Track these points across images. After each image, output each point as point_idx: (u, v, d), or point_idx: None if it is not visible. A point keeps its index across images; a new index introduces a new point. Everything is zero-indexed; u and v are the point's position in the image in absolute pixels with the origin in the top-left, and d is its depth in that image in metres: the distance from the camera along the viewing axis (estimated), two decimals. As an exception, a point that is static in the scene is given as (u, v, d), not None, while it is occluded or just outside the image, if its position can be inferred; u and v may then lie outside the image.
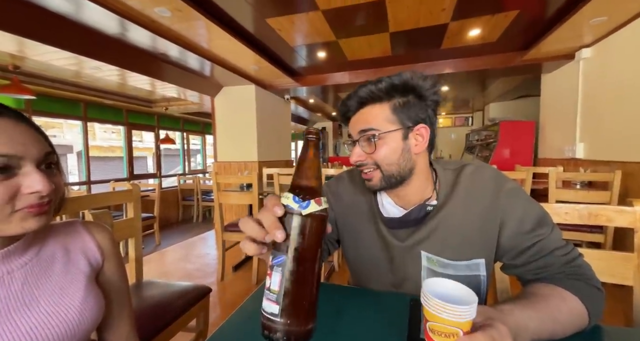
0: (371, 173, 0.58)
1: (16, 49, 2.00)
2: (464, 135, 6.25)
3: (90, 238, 0.54)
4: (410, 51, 2.85)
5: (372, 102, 0.58)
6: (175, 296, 1.18)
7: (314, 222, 0.34)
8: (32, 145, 0.40)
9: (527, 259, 0.56)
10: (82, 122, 3.67)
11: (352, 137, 0.61)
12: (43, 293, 0.45)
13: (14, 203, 0.38)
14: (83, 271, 0.50)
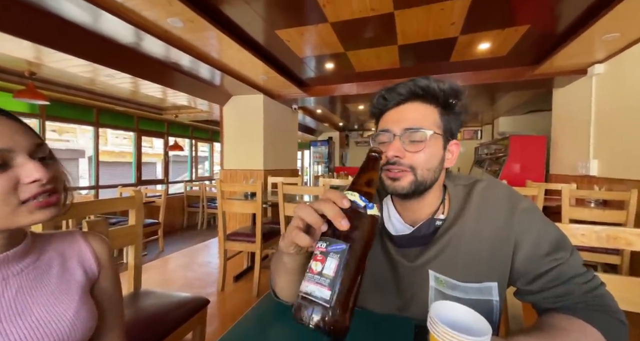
0: (401, 173, 0.53)
1: (33, 56, 2.07)
2: (472, 149, 6.17)
3: (88, 249, 0.53)
4: (419, 64, 2.86)
5: (423, 100, 0.54)
6: (173, 307, 1.15)
7: (374, 222, 0.38)
8: (21, 137, 0.41)
9: (544, 285, 0.51)
10: (94, 127, 3.75)
11: (390, 129, 0.54)
12: (36, 302, 0.44)
13: (18, 195, 0.39)
14: (78, 282, 0.49)
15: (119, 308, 0.58)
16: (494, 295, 0.54)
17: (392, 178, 0.54)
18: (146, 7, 1.68)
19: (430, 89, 0.54)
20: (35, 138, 0.43)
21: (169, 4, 1.64)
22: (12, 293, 0.42)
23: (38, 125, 3.16)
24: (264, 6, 1.84)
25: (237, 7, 1.84)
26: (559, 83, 2.98)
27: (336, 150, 7.78)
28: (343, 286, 0.34)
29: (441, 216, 0.58)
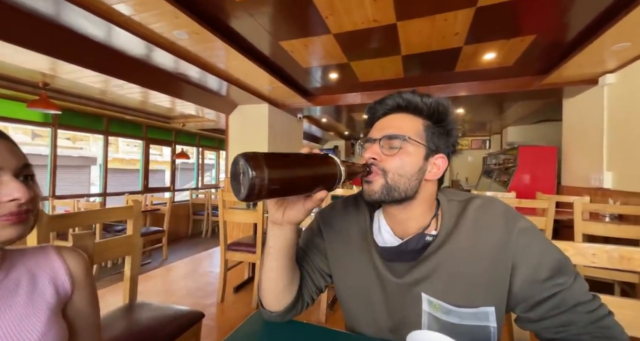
0: (373, 176, 0.54)
1: (48, 68, 2.15)
2: (481, 158, 6.07)
3: (61, 265, 0.50)
4: (423, 74, 2.84)
5: (409, 111, 0.57)
6: (167, 320, 1.12)
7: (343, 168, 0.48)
8: (10, 156, 0.41)
9: (544, 313, 0.48)
10: (104, 136, 3.85)
11: (372, 137, 0.57)
12: (1, 325, 0.41)
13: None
14: (48, 302, 0.47)
15: (95, 328, 0.55)
16: (491, 321, 0.50)
17: (366, 182, 0.55)
18: (153, 20, 1.73)
19: (413, 101, 0.56)
20: (23, 158, 0.44)
21: (175, 17, 1.69)
22: None
23: (51, 133, 3.26)
24: (268, 19, 1.87)
25: (241, 20, 1.88)
26: (568, 93, 2.91)
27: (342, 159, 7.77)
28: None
29: (432, 232, 0.55)
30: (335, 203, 0.71)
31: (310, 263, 0.66)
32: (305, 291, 0.65)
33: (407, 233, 0.56)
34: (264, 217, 2.07)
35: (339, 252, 0.64)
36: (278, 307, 0.59)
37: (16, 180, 0.41)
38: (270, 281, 0.58)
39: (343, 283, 0.63)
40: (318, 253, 0.67)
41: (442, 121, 0.56)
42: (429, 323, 0.53)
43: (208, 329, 1.83)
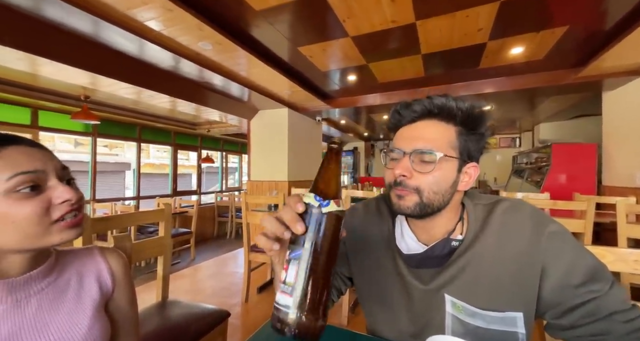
0: (406, 193, 0.51)
1: (88, 82, 2.34)
2: (510, 157, 5.76)
3: (104, 265, 0.55)
4: (445, 72, 2.76)
5: (440, 118, 0.51)
6: (196, 318, 1.18)
7: (332, 220, 0.37)
8: (50, 160, 0.44)
9: (576, 321, 0.45)
10: (137, 142, 4.11)
11: (400, 148, 0.52)
12: (53, 320, 0.46)
13: (50, 215, 0.42)
14: (93, 299, 0.52)
15: (134, 323, 0.59)
16: (519, 327, 0.48)
17: (397, 195, 0.52)
18: (180, 33, 1.84)
19: (446, 107, 0.51)
20: (60, 162, 0.47)
21: (200, 29, 1.78)
22: (33, 310, 0.45)
23: (91, 142, 3.54)
24: (287, 25, 1.92)
25: (261, 28, 1.94)
26: (609, 85, 2.69)
27: (361, 160, 7.70)
28: (305, 289, 0.34)
29: (458, 236, 0.54)
30: (356, 207, 0.70)
31: None
32: None
33: (431, 239, 0.55)
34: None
35: (361, 257, 0.64)
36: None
37: (62, 183, 0.44)
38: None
39: (365, 288, 0.63)
40: (339, 257, 0.67)
41: (477, 127, 0.52)
42: (453, 326, 0.52)
43: (233, 328, 1.90)
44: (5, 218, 0.39)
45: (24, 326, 0.43)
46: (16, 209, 0.39)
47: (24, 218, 0.39)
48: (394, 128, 0.57)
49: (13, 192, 0.39)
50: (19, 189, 0.40)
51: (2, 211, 0.39)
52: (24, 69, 2.04)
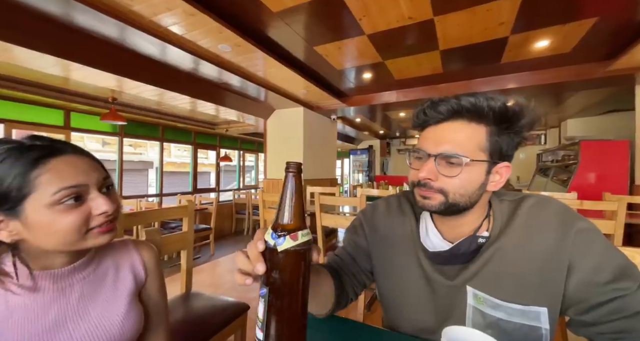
0: (432, 193, 0.50)
1: (115, 85, 2.48)
2: (534, 155, 5.51)
3: (138, 257, 0.60)
4: (464, 67, 2.69)
5: (469, 118, 0.48)
6: (217, 310, 1.23)
7: (289, 258, 0.35)
8: (93, 172, 0.47)
9: (600, 317, 0.45)
10: (160, 142, 4.29)
11: (425, 149, 0.51)
12: (93, 306, 0.51)
13: (88, 224, 0.45)
14: (128, 288, 0.56)
15: (164, 311, 0.63)
16: (543, 322, 0.48)
17: (423, 195, 0.52)
18: (201, 37, 1.91)
19: (477, 108, 0.48)
20: (103, 172, 0.49)
21: (220, 32, 1.84)
22: (76, 297, 0.49)
23: (118, 142, 3.74)
24: (303, 26, 1.94)
25: (278, 29, 1.97)
26: (643, 78, 2.53)
27: (377, 159, 7.62)
28: (271, 326, 0.35)
29: (485, 233, 0.53)
30: (377, 204, 0.70)
31: (353, 262, 0.68)
32: (349, 288, 0.66)
33: (457, 236, 0.55)
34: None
35: (383, 254, 0.64)
36: (322, 313, 0.61)
37: (102, 195, 0.46)
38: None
39: (386, 283, 0.64)
40: (361, 253, 0.68)
41: (513, 125, 0.49)
42: (473, 318, 0.52)
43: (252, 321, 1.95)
44: (49, 227, 0.43)
45: (68, 312, 0.48)
46: (59, 220, 0.43)
47: (65, 228, 0.43)
48: (420, 127, 0.55)
49: (58, 204, 0.42)
50: (62, 201, 0.43)
51: (46, 221, 0.42)
52: (58, 73, 2.19)
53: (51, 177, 0.42)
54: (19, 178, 0.41)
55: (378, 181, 5.92)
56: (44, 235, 0.43)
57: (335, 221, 1.92)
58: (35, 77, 2.48)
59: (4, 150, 0.42)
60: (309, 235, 0.37)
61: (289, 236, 0.35)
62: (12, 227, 0.43)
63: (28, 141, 0.44)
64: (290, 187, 0.37)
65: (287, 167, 0.38)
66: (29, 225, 0.42)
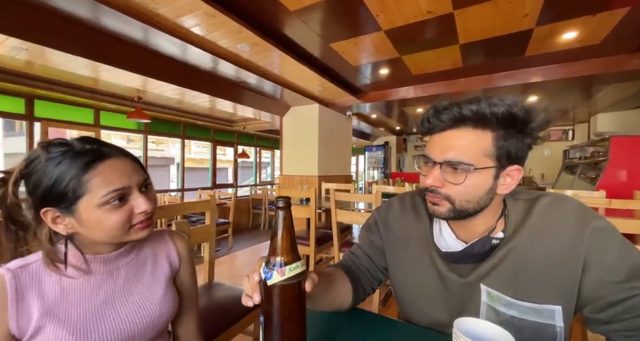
0: (439, 200, 0.52)
1: (140, 85, 2.60)
2: (560, 152, 5.26)
3: (172, 246, 0.65)
4: (486, 61, 2.61)
5: (473, 125, 0.48)
6: (238, 300, 1.29)
7: (279, 291, 0.38)
8: (135, 174, 0.52)
9: (616, 315, 0.45)
10: (181, 139, 4.46)
11: (431, 156, 0.52)
12: (136, 288, 0.57)
13: (130, 221, 0.51)
14: (165, 273, 0.62)
15: (195, 295, 0.69)
16: (557, 320, 0.49)
17: (432, 202, 0.54)
18: (222, 37, 1.97)
19: (479, 115, 0.47)
20: (143, 173, 0.54)
21: (239, 32, 1.89)
22: (122, 280, 0.55)
23: (142, 139, 3.92)
24: (320, 23, 1.96)
25: (295, 27, 2.00)
26: (684, 69, 2.35)
27: (392, 155, 7.52)
28: None
29: (499, 234, 0.54)
30: (391, 202, 0.72)
31: (369, 260, 0.70)
32: (366, 284, 0.69)
33: (471, 236, 0.56)
34: (316, 212, 2.18)
35: (397, 252, 0.66)
36: (343, 308, 0.64)
37: (142, 196, 0.51)
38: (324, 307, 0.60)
39: (401, 279, 0.66)
40: (376, 250, 0.70)
41: (522, 128, 0.48)
42: (487, 315, 0.53)
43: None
44: (98, 224, 0.48)
45: (115, 292, 0.54)
46: (107, 218, 0.48)
47: (111, 225, 0.48)
48: (427, 133, 0.56)
49: (106, 205, 0.48)
50: (109, 202, 0.48)
51: (96, 218, 0.48)
52: (89, 75, 2.33)
53: (100, 180, 0.47)
54: (74, 181, 0.46)
55: (394, 178, 5.86)
56: (94, 230, 0.49)
57: (351, 217, 1.95)
58: (69, 79, 2.65)
59: (59, 153, 0.47)
60: (298, 268, 0.39)
61: (277, 271, 0.37)
62: (67, 222, 0.48)
63: (79, 144, 0.49)
64: (280, 222, 0.39)
65: (277, 202, 0.39)
66: (82, 221, 0.48)
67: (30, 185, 0.47)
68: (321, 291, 0.53)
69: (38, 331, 0.46)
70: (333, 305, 0.61)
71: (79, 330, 0.48)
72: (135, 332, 0.53)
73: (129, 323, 0.53)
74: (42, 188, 0.46)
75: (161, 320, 0.57)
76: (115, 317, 0.52)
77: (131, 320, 0.53)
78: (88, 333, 0.48)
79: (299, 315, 0.39)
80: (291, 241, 0.39)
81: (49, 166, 0.46)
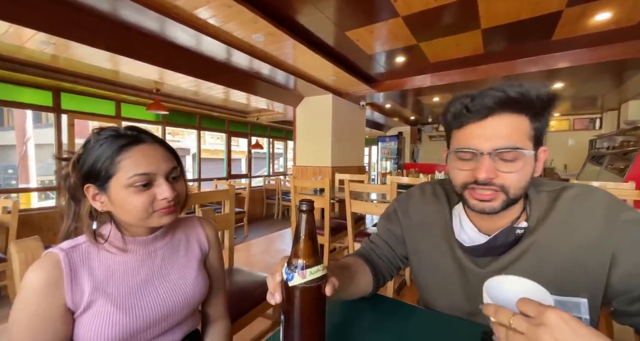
0: (493, 194, 0.49)
1: (158, 77, 2.66)
2: (586, 142, 5.01)
3: (202, 231, 0.69)
4: (508, 47, 2.49)
5: (513, 110, 0.47)
6: (257, 285, 1.35)
7: (299, 293, 0.38)
8: (163, 162, 0.54)
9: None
10: (197, 130, 4.55)
11: (477, 148, 0.48)
12: (172, 269, 0.61)
13: (153, 206, 0.54)
14: (196, 256, 0.66)
15: (223, 277, 0.74)
16: (583, 312, 0.48)
17: (482, 200, 0.50)
18: (237, 27, 1.97)
19: (526, 97, 0.46)
20: (172, 162, 0.56)
21: (254, 22, 1.88)
22: (159, 260, 0.60)
23: (160, 130, 4.03)
24: (334, 10, 1.91)
25: (309, 16, 1.97)
26: None
27: (407, 146, 7.39)
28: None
29: (523, 224, 0.53)
30: (411, 192, 0.72)
31: (388, 248, 0.71)
32: (385, 272, 0.71)
33: (493, 228, 0.55)
34: (330, 202, 2.20)
35: (417, 240, 0.67)
36: (363, 296, 0.66)
37: (167, 183, 0.53)
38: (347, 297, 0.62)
39: (421, 269, 0.66)
40: (396, 239, 0.71)
41: (548, 111, 0.48)
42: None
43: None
44: (124, 204, 0.52)
45: (154, 272, 0.59)
46: (131, 199, 0.51)
47: (134, 206, 0.52)
48: (459, 126, 0.52)
49: (131, 187, 0.51)
50: (135, 185, 0.51)
51: (122, 198, 0.51)
52: (110, 67, 2.40)
53: (130, 163, 0.51)
54: (108, 161, 0.51)
55: (408, 169, 5.79)
56: (121, 210, 0.52)
57: (365, 208, 1.96)
58: (92, 71, 2.74)
59: (104, 137, 0.52)
60: (319, 271, 0.39)
61: (298, 273, 0.38)
62: (103, 199, 0.53)
63: (122, 130, 0.54)
64: (303, 225, 0.39)
65: (300, 206, 0.39)
66: (112, 200, 0.52)
67: (81, 163, 0.52)
68: (344, 285, 0.53)
69: (90, 306, 0.50)
70: (356, 295, 0.62)
71: (124, 305, 0.52)
72: (172, 310, 0.58)
73: (166, 301, 0.57)
74: (86, 165, 0.51)
75: (194, 299, 0.62)
76: (155, 295, 0.56)
77: (168, 298, 0.58)
78: (132, 308, 0.53)
79: (319, 317, 0.40)
80: (313, 245, 0.40)
81: (94, 147, 0.52)
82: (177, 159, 0.59)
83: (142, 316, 0.53)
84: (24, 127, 5.30)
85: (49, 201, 4.16)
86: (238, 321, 1.13)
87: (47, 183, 5.39)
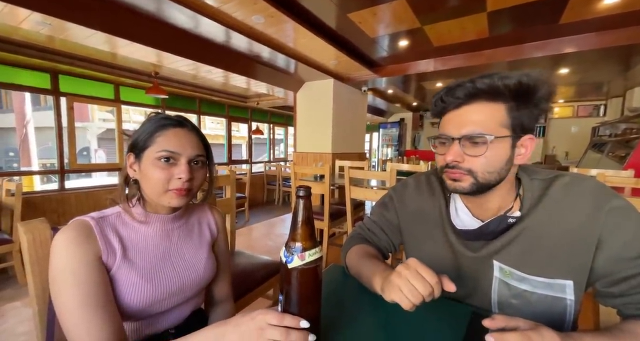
0: (460, 175, 0.53)
1: (156, 60, 2.61)
2: (589, 129, 4.98)
3: (212, 217, 0.74)
4: (514, 30, 2.42)
5: (486, 98, 0.50)
6: (259, 267, 1.39)
7: (298, 274, 0.40)
8: (190, 147, 0.58)
9: (628, 290, 0.47)
10: (197, 115, 4.51)
11: (448, 134, 0.53)
12: (187, 248, 0.66)
13: (169, 184, 0.57)
14: (207, 239, 0.70)
15: (228, 261, 0.78)
16: (568, 294, 0.51)
17: (452, 179, 0.54)
18: (236, 8, 1.91)
19: (493, 88, 0.49)
20: (200, 150, 0.60)
21: (254, 3, 1.82)
22: (176, 239, 0.64)
23: (160, 114, 4.00)
24: (337, -9, 1.85)
25: (311, -4, 1.91)
26: None
27: (408, 132, 7.35)
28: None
29: (516, 213, 0.55)
30: (407, 182, 0.75)
31: (383, 234, 0.75)
32: (385, 252, 0.76)
33: (487, 213, 0.57)
34: (330, 189, 2.22)
35: (412, 227, 0.70)
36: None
37: (186, 165, 0.56)
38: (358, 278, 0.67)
39: (416, 255, 0.68)
40: (391, 227, 0.74)
41: (531, 98, 0.49)
42: (499, 289, 0.56)
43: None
44: (147, 175, 0.56)
45: (171, 249, 0.63)
46: (152, 172, 0.56)
47: (154, 178, 0.56)
48: (439, 114, 0.57)
49: (158, 160, 0.56)
50: (160, 159, 0.56)
51: (148, 169, 0.56)
52: (108, 50, 2.35)
53: (163, 139, 0.56)
54: (148, 134, 0.57)
55: (409, 156, 5.78)
56: (144, 180, 0.57)
57: (365, 194, 1.98)
58: (89, 53, 2.68)
59: (156, 118, 0.59)
60: (316, 253, 0.41)
61: (298, 255, 0.40)
62: (136, 167, 0.58)
63: (170, 116, 0.60)
64: (300, 210, 0.41)
65: (298, 192, 0.41)
66: (141, 170, 0.57)
67: (132, 137, 0.59)
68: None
69: (119, 268, 0.54)
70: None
71: (146, 275, 0.57)
72: (186, 285, 0.62)
73: (182, 276, 0.62)
74: (133, 137, 0.59)
75: (205, 277, 0.67)
76: (172, 270, 0.61)
77: (183, 274, 0.62)
78: (152, 279, 0.57)
79: (316, 296, 0.43)
80: (311, 228, 0.42)
81: (145, 124, 0.59)
82: (207, 150, 0.63)
83: (162, 287, 0.58)
84: (23, 109, 5.26)
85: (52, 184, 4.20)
86: (240, 301, 1.18)
87: (48, 166, 5.41)
